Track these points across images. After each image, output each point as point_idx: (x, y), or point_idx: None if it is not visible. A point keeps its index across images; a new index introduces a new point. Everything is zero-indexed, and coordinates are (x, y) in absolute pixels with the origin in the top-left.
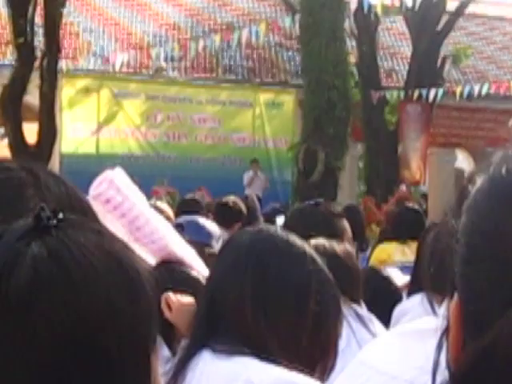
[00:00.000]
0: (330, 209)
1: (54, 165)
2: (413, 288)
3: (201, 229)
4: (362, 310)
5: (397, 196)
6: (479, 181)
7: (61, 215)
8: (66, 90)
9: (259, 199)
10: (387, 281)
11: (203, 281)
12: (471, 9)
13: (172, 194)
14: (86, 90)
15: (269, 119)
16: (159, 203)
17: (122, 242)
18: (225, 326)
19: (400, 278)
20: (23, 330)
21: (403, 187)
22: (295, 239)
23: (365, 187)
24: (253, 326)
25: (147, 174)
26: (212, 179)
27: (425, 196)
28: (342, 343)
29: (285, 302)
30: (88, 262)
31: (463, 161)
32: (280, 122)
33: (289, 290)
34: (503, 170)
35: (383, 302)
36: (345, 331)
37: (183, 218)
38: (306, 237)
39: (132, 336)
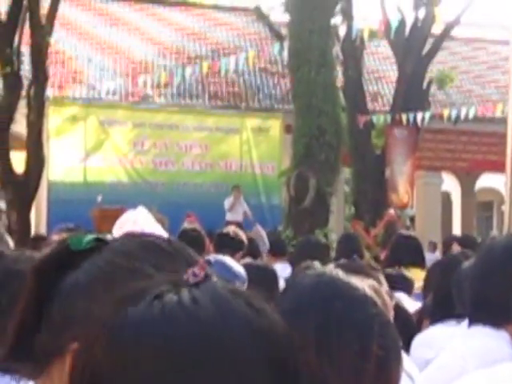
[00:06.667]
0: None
1: (42, 193)
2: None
3: (227, 269)
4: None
5: (385, 220)
6: None
7: None
8: (53, 119)
9: (240, 225)
10: (402, 310)
11: None
12: (455, 31)
13: (162, 222)
14: (73, 118)
15: (256, 144)
16: None
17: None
18: None
19: (409, 304)
20: None
21: (391, 211)
22: (356, 282)
23: (352, 211)
24: (317, 371)
25: (135, 201)
26: (200, 205)
27: (413, 219)
28: None
29: (349, 346)
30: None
31: (449, 183)
32: (267, 147)
33: (352, 334)
34: None
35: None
36: None
37: (213, 256)
38: None
39: None
